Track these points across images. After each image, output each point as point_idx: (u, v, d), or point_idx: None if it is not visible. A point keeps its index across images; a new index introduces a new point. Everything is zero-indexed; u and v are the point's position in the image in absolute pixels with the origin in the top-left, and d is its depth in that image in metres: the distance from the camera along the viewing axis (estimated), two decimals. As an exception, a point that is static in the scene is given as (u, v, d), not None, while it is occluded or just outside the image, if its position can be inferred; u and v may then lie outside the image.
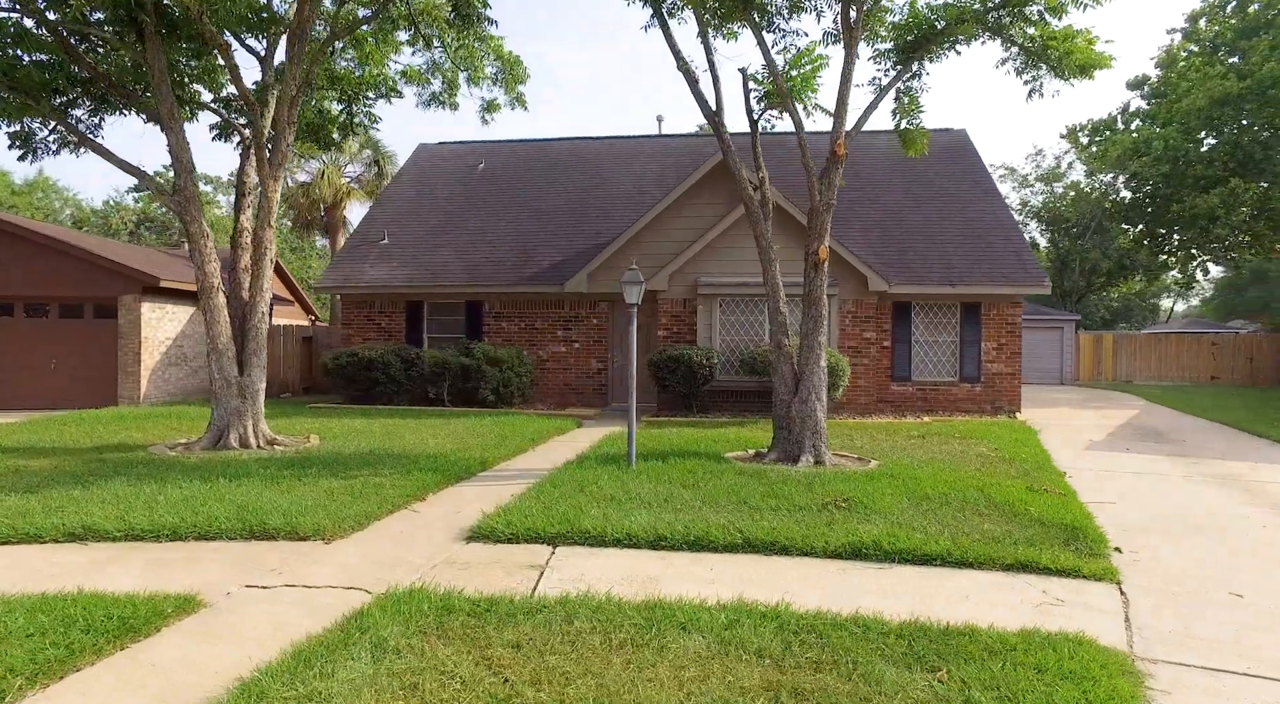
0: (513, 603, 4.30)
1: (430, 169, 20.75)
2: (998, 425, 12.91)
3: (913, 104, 9.72)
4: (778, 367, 9.39)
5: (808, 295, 9.14)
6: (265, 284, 9.94)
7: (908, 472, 8.11)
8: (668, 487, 7.32)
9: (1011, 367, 15.32)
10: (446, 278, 16.54)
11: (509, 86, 13.66)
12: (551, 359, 16.48)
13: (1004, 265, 15.43)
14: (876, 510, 6.35)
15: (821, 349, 9.16)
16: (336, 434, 11.02)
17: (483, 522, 6.01)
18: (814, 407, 9.09)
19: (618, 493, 7.03)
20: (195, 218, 9.42)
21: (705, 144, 20.86)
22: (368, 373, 15.23)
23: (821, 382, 9.15)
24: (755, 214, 9.72)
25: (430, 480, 7.71)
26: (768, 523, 5.93)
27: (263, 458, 8.88)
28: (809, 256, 9.10)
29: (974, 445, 10.58)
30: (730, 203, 15.27)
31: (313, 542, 5.72)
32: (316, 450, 9.48)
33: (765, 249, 9.67)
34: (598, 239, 17.09)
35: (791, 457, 9.04)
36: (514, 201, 18.86)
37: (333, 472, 8.00)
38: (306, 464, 8.39)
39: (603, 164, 20.12)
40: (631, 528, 5.76)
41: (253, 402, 9.79)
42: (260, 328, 9.94)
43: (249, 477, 7.54)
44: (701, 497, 6.89)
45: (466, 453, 9.51)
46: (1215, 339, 27.48)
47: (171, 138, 9.43)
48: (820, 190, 8.87)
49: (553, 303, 16.44)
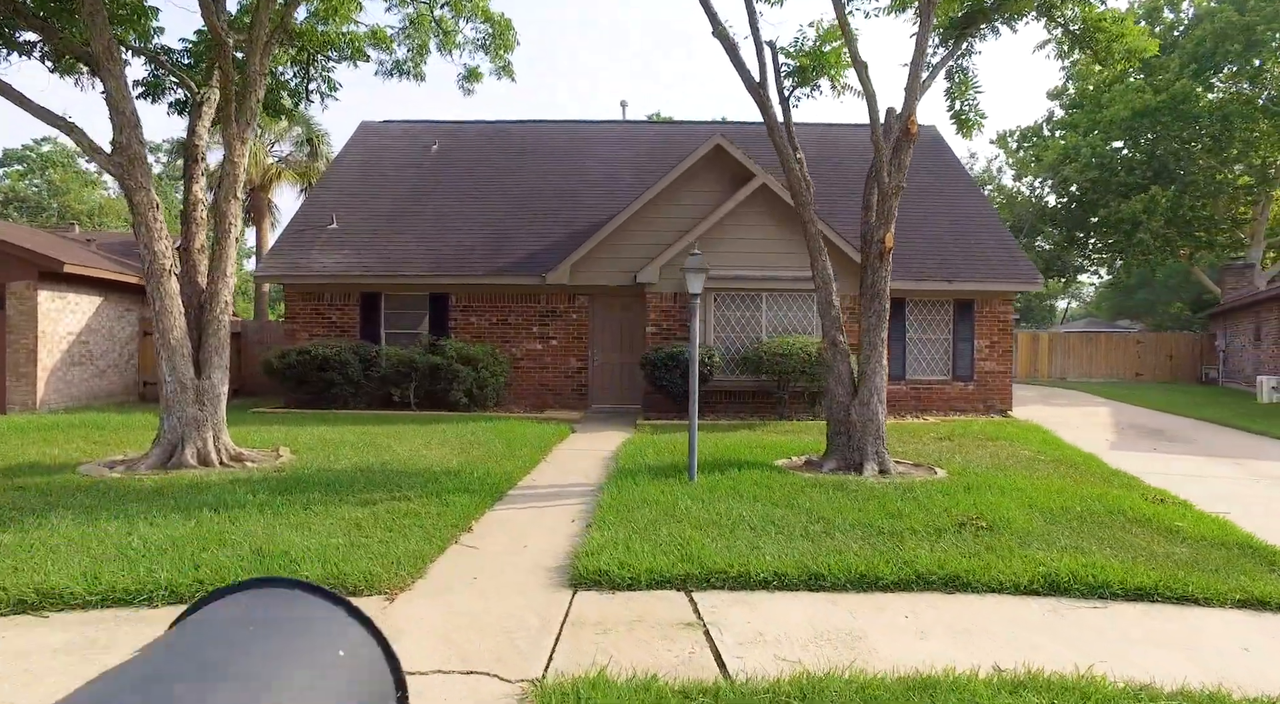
0: (718, 693, 3.16)
1: (377, 149, 18.84)
2: (1009, 426, 12.58)
3: (966, 83, 9.09)
4: (833, 366, 8.53)
5: (871, 288, 8.32)
6: (228, 268, 8.22)
7: (991, 481, 7.41)
8: (757, 506, 6.30)
9: (1003, 365, 15.16)
10: (408, 267, 14.87)
11: (496, 53, 12.24)
12: (526, 357, 15.11)
13: (996, 261, 15.25)
14: (1017, 531, 5.56)
15: (884, 347, 8.37)
16: (309, 446, 9.36)
17: (583, 562, 4.80)
18: (876, 410, 8.28)
19: (708, 515, 5.95)
20: (142, 183, 7.60)
21: (675, 131, 19.94)
22: (322, 373, 13.41)
23: (884, 382, 8.36)
24: (804, 198, 8.83)
25: (463, 504, 6.37)
26: (919, 552, 5.01)
27: (236, 478, 7.23)
28: (873, 245, 8.28)
29: (1010, 448, 10.09)
30: (725, 191, 14.38)
31: (370, 597, 4.36)
32: (298, 468, 7.88)
33: (814, 237, 8.80)
34: (573, 228, 15.84)
35: (853, 464, 8.21)
36: (478, 186, 17.30)
37: (338, 495, 6.52)
38: (298, 486, 6.84)
39: (570, 149, 18.83)
40: (775, 564, 4.71)
41: (214, 409, 8.07)
42: (222, 320, 8.22)
43: (239, 507, 5.97)
44: (809, 518, 5.91)
45: (478, 466, 8.17)
46: (1140, 338, 28.91)
47: (110, 83, 7.58)
48: (890, 172, 8.06)
49: (528, 296, 15.07)
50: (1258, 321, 21.99)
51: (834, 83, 10.33)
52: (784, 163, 8.89)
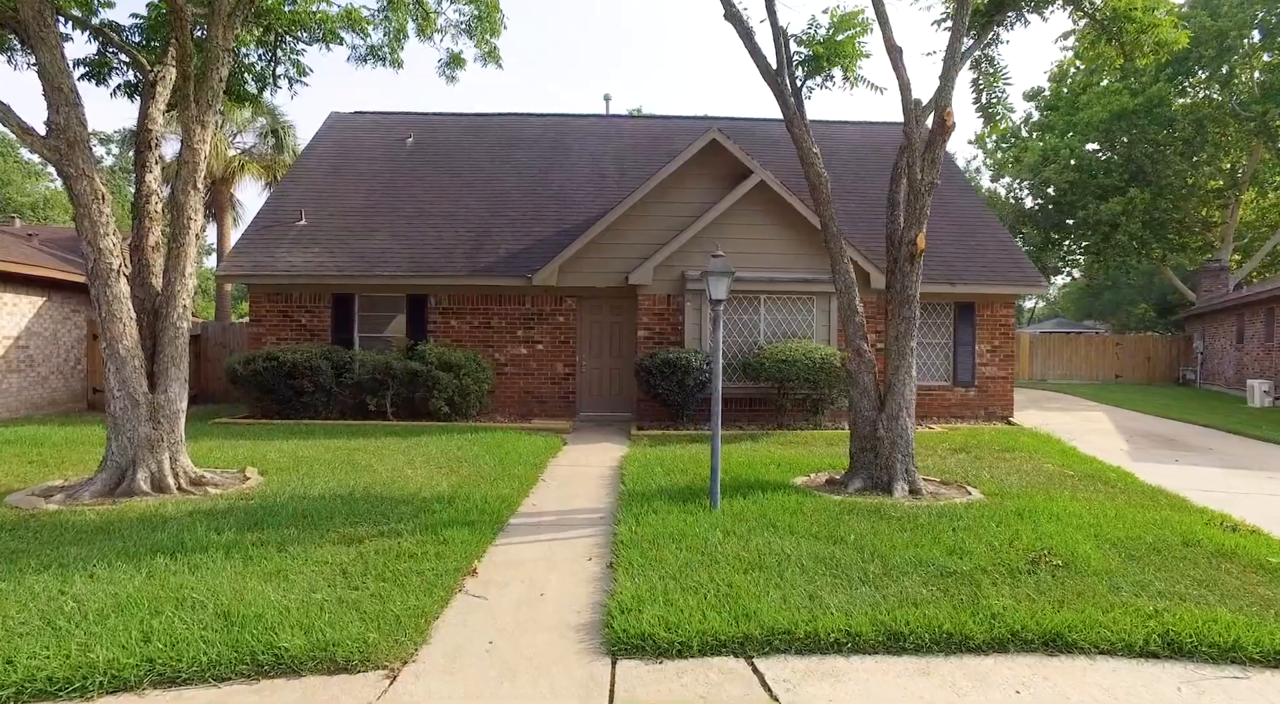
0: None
1: (348, 141, 17.79)
2: (1019, 435, 12.10)
3: (996, 74, 8.52)
4: (858, 377, 7.89)
5: (900, 293, 7.69)
6: (187, 267, 7.27)
7: (1038, 504, 6.82)
8: (797, 540, 5.61)
9: (1005, 370, 14.74)
10: (384, 266, 13.91)
11: (480, 38, 11.37)
12: (510, 363, 14.26)
13: (998, 263, 14.83)
14: (1097, 569, 4.94)
15: (913, 356, 7.75)
16: (279, 465, 8.43)
17: (621, 622, 4.04)
18: (905, 425, 7.66)
19: (747, 554, 5.24)
20: (83, 170, 6.63)
21: (662, 126, 19.22)
22: (291, 381, 12.41)
23: (913, 395, 7.74)
24: (823, 194, 8.17)
25: (463, 540, 5.57)
26: (1001, 599, 4.36)
27: (197, 509, 6.32)
28: (902, 246, 7.65)
29: (1032, 461, 9.58)
30: (721, 188, 13.71)
31: (368, 674, 3.55)
32: (269, 494, 6.98)
33: (835, 237, 8.14)
34: (560, 226, 15.03)
35: (881, 484, 7.58)
36: (457, 181, 16.39)
37: (317, 531, 5.67)
38: (271, 519, 5.96)
39: (554, 143, 18.00)
40: (845, 621, 4.01)
41: (170, 427, 7.13)
42: (180, 327, 7.26)
43: (202, 549, 5.08)
44: (860, 554, 5.23)
45: (472, 490, 7.36)
46: (1119, 340, 29.02)
47: (45, 55, 6.58)
48: (924, 167, 7.44)
49: (512, 297, 14.23)
50: (1240, 324, 22.04)
51: (847, 74, 9.68)
52: (803, 156, 8.23)
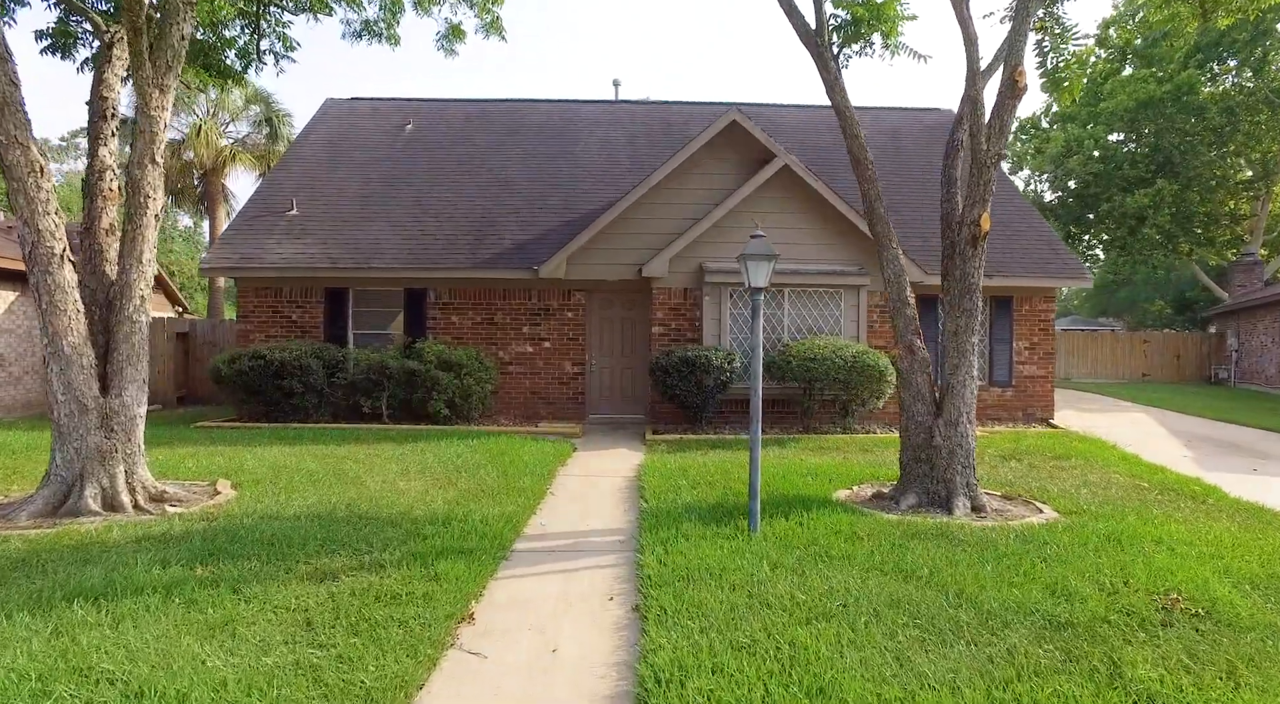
0: None
1: (344, 128, 16.88)
2: (1069, 440, 11.10)
3: (1064, 35, 7.53)
4: (910, 378, 6.92)
5: (960, 281, 6.71)
6: (145, 253, 6.34)
7: (1130, 527, 5.84)
8: (861, 575, 4.65)
9: (1044, 369, 13.73)
10: (381, 259, 12.98)
11: (482, 6, 10.43)
12: (515, 361, 13.32)
13: (1036, 254, 13.82)
14: (1248, 622, 3.97)
15: (974, 354, 6.78)
16: (257, 477, 7.51)
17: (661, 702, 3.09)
18: (965, 432, 6.70)
19: (804, 595, 4.28)
20: (16, 138, 5.69)
21: (675, 112, 18.23)
22: (279, 381, 11.49)
23: (974, 398, 6.78)
24: (868, 171, 7.20)
25: (459, 574, 4.63)
26: (1143, 668, 3.40)
27: (147, 535, 5.39)
28: (963, 228, 6.67)
29: (1096, 471, 8.59)
30: (742, 174, 12.74)
31: (320, 789, 2.61)
32: (238, 513, 6.05)
33: (882, 219, 7.17)
34: (567, 215, 14.09)
35: (938, 499, 6.62)
36: (459, 169, 15.45)
37: (285, 563, 4.73)
38: (232, 547, 5.03)
39: (561, 130, 17.04)
40: (955, 701, 3.05)
41: (126, 436, 6.20)
42: (138, 321, 6.32)
43: (135, 592, 4.15)
44: (944, 595, 4.27)
45: (471, 507, 6.43)
46: (1146, 338, 27.93)
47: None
48: (989, 136, 6.45)
49: (518, 291, 13.28)
50: (1283, 320, 20.94)
51: (888, 40, 8.70)
52: (845, 127, 7.25)
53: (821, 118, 17.96)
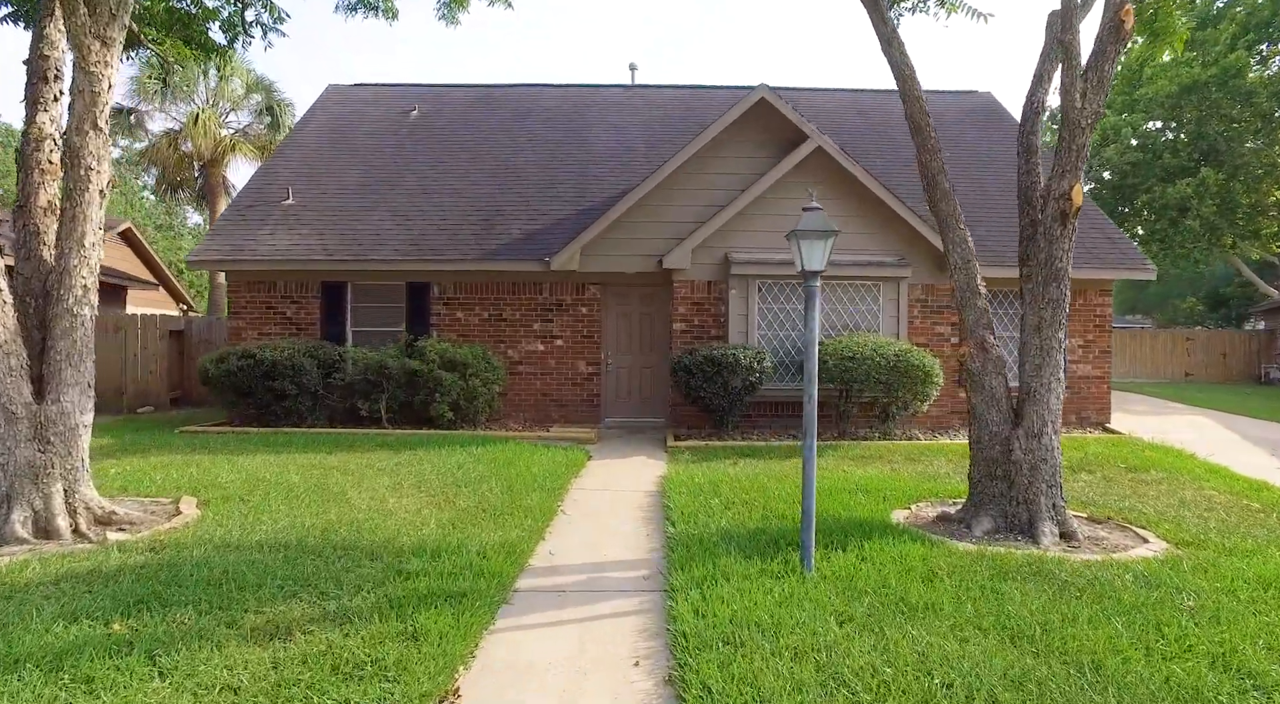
0: None
1: (346, 114, 16.02)
2: (1139, 448, 9.98)
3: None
4: (982, 380, 5.89)
5: (1045, 266, 5.66)
6: (88, 235, 5.44)
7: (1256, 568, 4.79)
8: (959, 637, 3.64)
9: (1100, 369, 12.59)
10: (381, 251, 12.08)
11: (487, -32, 9.47)
12: (525, 360, 12.37)
13: (1089, 243, 12.67)
14: None
15: (1061, 352, 5.73)
16: (229, 491, 6.61)
17: None
18: (1050, 444, 5.66)
19: (891, 667, 3.29)
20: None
21: (696, 96, 17.21)
22: (270, 382, 10.62)
23: (1060, 405, 5.73)
24: (930, 141, 6.17)
25: (443, 630, 3.68)
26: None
27: (74, 571, 4.48)
28: (1049, 202, 5.62)
29: (1187, 487, 7.50)
30: (770, 157, 11.71)
31: None
32: (192, 540, 5.13)
33: (946, 193, 6.14)
34: (580, 204, 13.12)
35: (1019, 525, 5.58)
36: (466, 156, 14.53)
37: (228, 610, 3.80)
38: (169, 590, 4.10)
39: (574, 116, 16.09)
40: None
41: (66, 448, 5.31)
42: (81, 314, 5.43)
43: (10, 666, 3.21)
44: (1077, 671, 3.26)
45: (466, 531, 5.50)
46: (1189, 335, 26.60)
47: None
48: (1084, 92, 5.39)
49: (528, 285, 12.34)
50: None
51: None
52: (905, 91, 6.23)
53: (848, 102, 16.90)
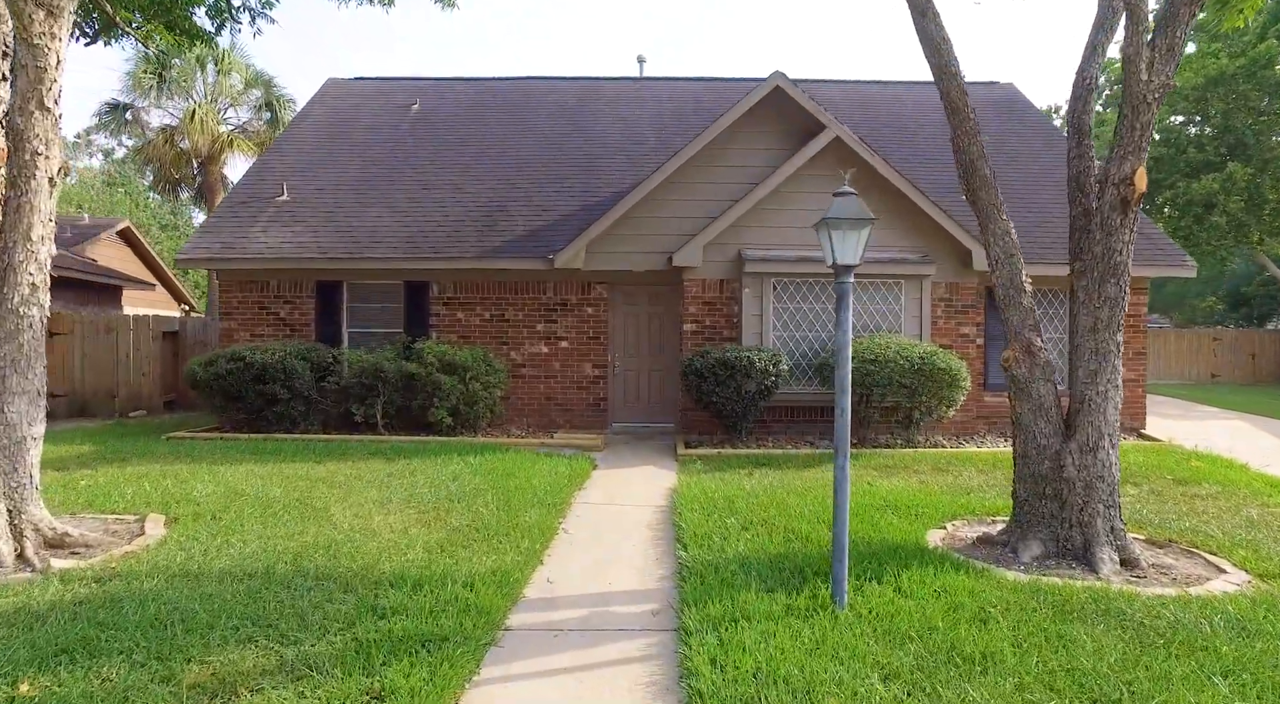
0: None
1: (345, 108, 15.53)
2: (1185, 457, 9.33)
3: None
4: (1029, 387, 5.28)
5: (1103, 259, 5.05)
6: (38, 226, 4.92)
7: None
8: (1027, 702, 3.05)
9: (1135, 371, 11.90)
10: (378, 248, 11.56)
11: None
12: (528, 363, 11.83)
13: (1125, 240, 11.98)
14: None
15: (1118, 356, 5.12)
16: (201, 507, 6.08)
17: None
18: (1108, 460, 5.05)
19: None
20: None
21: (706, 89, 16.61)
22: (260, 386, 10.11)
23: (1118, 415, 5.12)
24: (969, 123, 5.56)
25: (411, 689, 3.12)
26: None
27: (3, 609, 3.96)
28: (1108, 188, 5.00)
29: (1253, 502, 6.85)
30: (786, 148, 11.11)
31: None
32: (148, 568, 4.59)
33: (987, 181, 5.53)
34: (587, 200, 12.56)
35: (1072, 549, 4.98)
36: (467, 151, 14.00)
37: (166, 661, 3.25)
38: (101, 635, 3.56)
39: (580, 109, 15.53)
40: None
41: (10, 463, 4.79)
42: (27, 315, 4.90)
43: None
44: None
45: (456, 556, 4.94)
46: (1217, 335, 25.78)
47: None
48: (1150, 63, 4.78)
49: (531, 284, 11.79)
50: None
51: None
52: (941, 68, 5.63)
53: (863, 94, 16.27)
